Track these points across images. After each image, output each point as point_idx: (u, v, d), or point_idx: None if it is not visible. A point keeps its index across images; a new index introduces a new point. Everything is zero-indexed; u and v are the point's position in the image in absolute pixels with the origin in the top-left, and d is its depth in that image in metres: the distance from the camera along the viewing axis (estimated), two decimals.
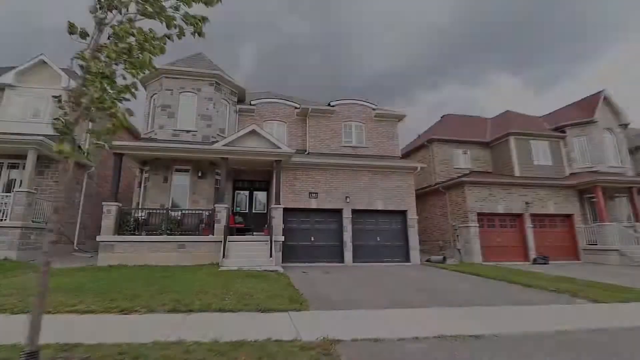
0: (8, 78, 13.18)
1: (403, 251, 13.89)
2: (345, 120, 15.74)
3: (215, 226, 10.99)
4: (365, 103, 16.04)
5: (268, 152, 11.86)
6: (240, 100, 15.49)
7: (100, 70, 3.05)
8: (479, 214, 15.42)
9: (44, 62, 13.66)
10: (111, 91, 3.22)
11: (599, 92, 18.99)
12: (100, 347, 3.68)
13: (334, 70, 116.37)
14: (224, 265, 9.71)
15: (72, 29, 3.16)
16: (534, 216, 15.97)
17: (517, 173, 17.49)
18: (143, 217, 11.38)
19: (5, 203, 10.50)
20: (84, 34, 3.21)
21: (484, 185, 15.77)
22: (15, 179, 12.18)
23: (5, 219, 10.32)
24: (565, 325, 4.80)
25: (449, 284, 8.66)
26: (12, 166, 12.33)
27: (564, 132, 18.53)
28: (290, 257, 12.76)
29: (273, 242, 10.81)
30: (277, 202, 11.81)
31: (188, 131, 13.10)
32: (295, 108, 15.75)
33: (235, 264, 9.80)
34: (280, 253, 11.62)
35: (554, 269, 12.15)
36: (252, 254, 10.46)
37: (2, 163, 12.16)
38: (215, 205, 11.30)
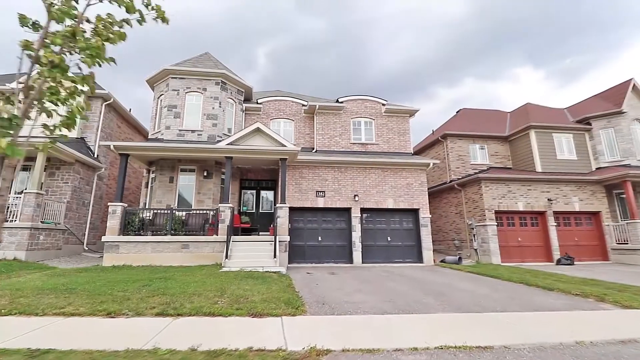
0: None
1: (415, 251, 13.32)
2: (354, 116, 15.28)
3: (219, 226, 10.79)
4: (374, 98, 15.52)
5: (272, 151, 11.56)
6: (247, 100, 15.30)
7: (50, 59, 2.78)
8: (497, 212, 14.63)
9: None
10: (64, 81, 2.95)
11: (628, 81, 17.73)
12: (70, 355, 3.45)
13: (349, 70, 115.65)
14: (226, 266, 9.48)
15: (23, 21, 2.91)
16: (558, 214, 15.03)
17: (538, 168, 16.54)
18: (149, 218, 11.33)
19: (15, 204, 10.64)
20: (37, 26, 2.96)
21: (502, 182, 14.96)
22: (28, 178, 12.37)
23: (15, 220, 10.46)
24: (588, 336, 4.23)
25: (461, 286, 8.10)
26: (24, 168, 12.55)
27: (589, 124, 17.40)
28: (297, 258, 12.47)
29: (278, 243, 10.49)
30: (283, 201, 11.50)
31: (194, 131, 13.00)
32: (303, 105, 15.42)
33: (237, 264, 9.55)
34: (286, 253, 11.31)
35: (579, 271, 11.30)
36: (255, 254, 10.19)
37: (29, 166, 12.36)
38: (219, 205, 11.11)
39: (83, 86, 3.17)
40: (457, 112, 23.54)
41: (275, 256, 9.90)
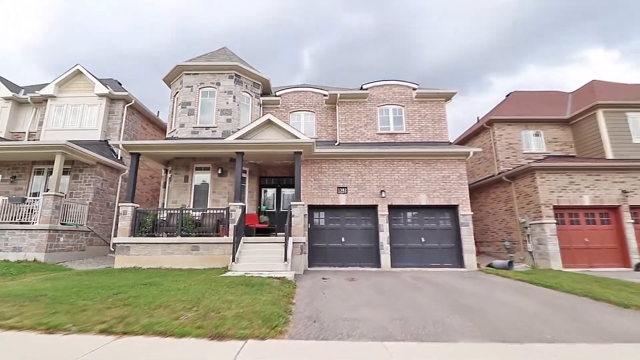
0: (50, 89, 13.95)
1: (455, 255, 11.52)
2: (381, 104, 13.79)
3: (230, 227, 10.03)
4: (403, 82, 13.90)
5: (283, 144, 10.55)
6: (266, 93, 14.52)
7: None
8: (556, 208, 12.27)
9: (80, 72, 14.22)
10: None
11: None
12: None
13: (396, 64, 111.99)
14: (232, 270, 8.63)
15: None
16: (636, 208, 12.26)
17: (609, 155, 13.72)
18: (163, 218, 10.93)
19: (35, 207, 10.79)
20: None
21: (561, 171, 12.54)
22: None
23: (35, 222, 10.58)
24: None
25: (503, 299, 6.41)
26: (51, 172, 12.88)
27: None
28: (318, 260, 11.35)
29: (290, 244, 9.47)
30: (298, 198, 10.45)
31: (207, 128, 12.45)
32: (324, 96, 14.26)
33: (244, 268, 8.66)
34: (303, 256, 10.26)
35: None
36: (267, 257, 9.23)
37: (42, 170, 12.73)
38: (230, 203, 10.35)
39: None
40: (506, 96, 20.81)
41: (285, 259, 8.85)
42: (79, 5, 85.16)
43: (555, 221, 12.08)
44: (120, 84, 16.38)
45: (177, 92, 13.16)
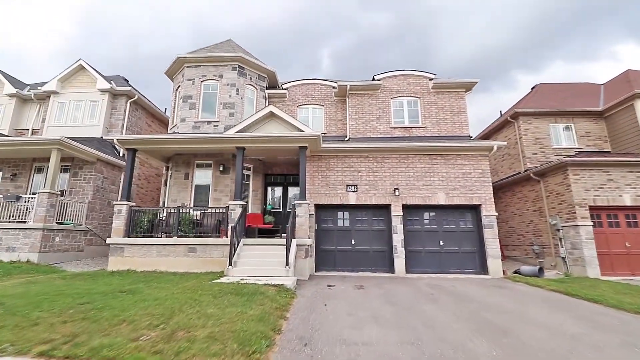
0: (52, 85, 13.63)
1: (477, 260, 10.39)
2: (395, 96, 12.78)
3: (229, 227, 9.27)
4: (419, 72, 12.85)
5: (286, 138, 9.70)
6: (272, 87, 13.75)
7: None
8: (592, 208, 10.95)
9: (82, 67, 13.86)
10: None
11: None
12: None
13: (416, 62, 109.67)
14: (228, 275, 7.86)
15: None
16: None
17: None
18: (161, 218, 10.30)
19: (31, 205, 10.36)
20: None
21: (598, 167, 11.20)
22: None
23: (29, 221, 10.14)
24: None
25: (538, 317, 5.34)
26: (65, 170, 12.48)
27: None
28: (327, 264, 10.46)
29: (294, 247, 8.63)
30: (303, 197, 9.61)
31: (209, 122, 11.78)
32: (333, 88, 13.38)
33: (241, 273, 7.87)
34: (309, 260, 9.42)
35: None
36: (268, 260, 8.40)
37: (43, 167, 12.36)
38: (229, 202, 9.61)
39: None
40: (531, 89, 19.32)
41: (287, 264, 8.00)
42: (101, 9, 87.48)
43: (591, 223, 10.76)
44: (127, 81, 15.97)
45: (179, 86, 12.55)
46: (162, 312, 4.47)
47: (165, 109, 17.36)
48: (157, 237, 9.68)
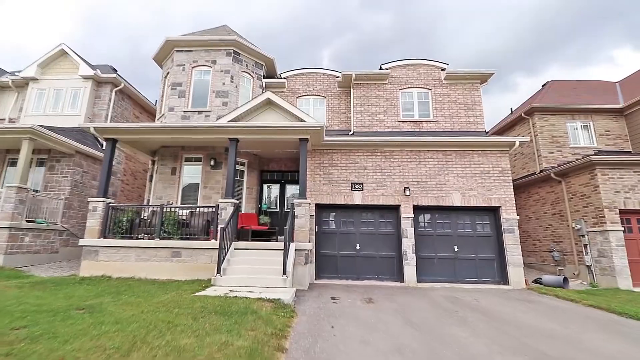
0: (31, 71, 12.48)
1: (496, 268, 9.33)
2: (404, 87, 11.71)
3: (219, 228, 8.16)
4: (430, 62, 11.80)
5: (285, 128, 8.56)
6: (270, 75, 12.65)
7: None
8: (622, 212, 9.92)
9: (64, 52, 12.71)
10: None
11: None
12: None
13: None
14: (215, 285, 6.76)
15: None
16: None
17: None
18: (144, 217, 9.18)
19: None
20: None
21: (629, 167, 10.17)
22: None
23: None
24: None
25: (593, 344, 4.28)
26: (40, 163, 11.30)
27: None
28: (327, 272, 9.37)
29: (292, 252, 7.54)
30: (303, 195, 8.50)
31: (200, 112, 10.66)
32: (336, 78, 12.30)
33: (231, 282, 6.77)
34: (309, 266, 8.32)
35: None
36: (262, 267, 7.30)
37: (17, 160, 11.18)
38: (220, 200, 8.49)
39: None
40: (543, 86, 18.32)
41: (284, 272, 6.90)
42: (101, 9, 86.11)
43: (622, 228, 9.73)
44: (116, 70, 14.82)
45: (168, 72, 11.43)
46: (120, 344, 3.34)
47: (156, 101, 16.21)
48: (138, 238, 8.55)
